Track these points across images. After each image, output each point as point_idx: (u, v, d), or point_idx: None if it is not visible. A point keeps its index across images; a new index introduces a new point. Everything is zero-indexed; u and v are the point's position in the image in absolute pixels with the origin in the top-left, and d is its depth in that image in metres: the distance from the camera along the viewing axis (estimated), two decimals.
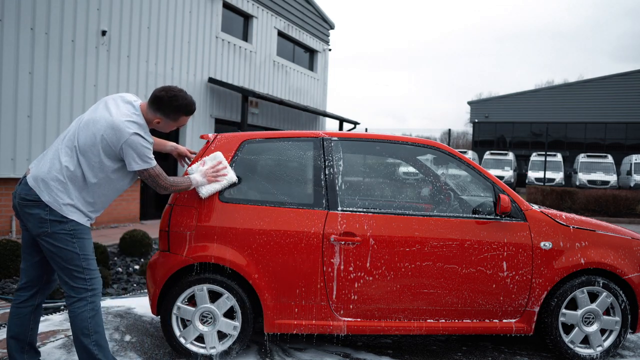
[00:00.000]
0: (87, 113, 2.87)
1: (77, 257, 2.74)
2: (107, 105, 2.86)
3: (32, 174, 2.73)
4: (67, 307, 2.80)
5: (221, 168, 3.28)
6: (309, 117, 16.42)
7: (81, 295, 2.76)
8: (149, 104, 2.91)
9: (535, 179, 25.39)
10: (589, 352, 3.54)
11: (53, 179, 2.69)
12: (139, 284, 5.47)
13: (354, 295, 3.33)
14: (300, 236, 3.28)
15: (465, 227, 3.42)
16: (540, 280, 3.43)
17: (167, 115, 2.92)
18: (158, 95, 2.89)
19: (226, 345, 3.31)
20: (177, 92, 2.92)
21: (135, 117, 2.82)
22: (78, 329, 2.76)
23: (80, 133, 2.77)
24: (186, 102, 2.94)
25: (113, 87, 9.18)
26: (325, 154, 3.50)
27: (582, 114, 32.17)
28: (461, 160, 3.60)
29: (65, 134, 2.83)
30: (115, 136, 2.72)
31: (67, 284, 2.77)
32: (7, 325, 2.89)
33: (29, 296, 2.89)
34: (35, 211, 2.68)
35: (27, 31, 7.67)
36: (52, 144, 2.86)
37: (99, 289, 2.83)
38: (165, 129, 3.01)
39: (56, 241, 2.70)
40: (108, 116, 2.77)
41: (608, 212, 14.53)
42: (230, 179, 3.30)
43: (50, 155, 2.77)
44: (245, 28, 13.47)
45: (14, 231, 7.68)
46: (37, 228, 2.69)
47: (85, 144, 2.73)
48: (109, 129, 2.73)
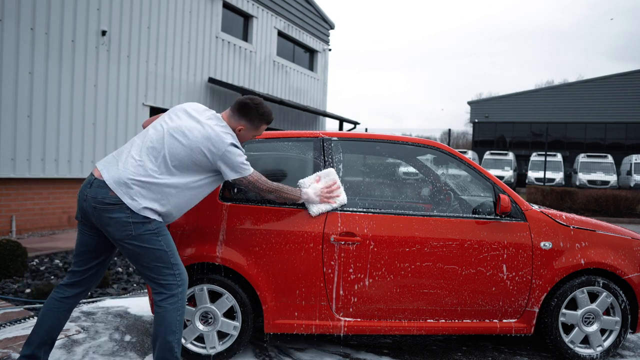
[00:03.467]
0: (172, 121, 2.82)
1: (165, 254, 2.72)
2: (190, 114, 2.84)
3: (110, 176, 2.66)
4: (157, 304, 2.74)
5: (335, 189, 3.27)
6: (309, 117, 16.42)
7: (173, 292, 2.73)
8: (233, 111, 2.93)
9: (535, 179, 25.40)
10: (589, 352, 3.54)
11: (136, 181, 2.64)
12: (139, 284, 5.48)
13: (354, 296, 3.33)
14: (300, 236, 3.28)
15: (465, 227, 3.42)
16: (540, 281, 3.43)
17: (252, 122, 2.94)
18: (244, 102, 2.93)
19: (226, 345, 3.31)
20: (261, 100, 2.98)
21: (225, 128, 2.84)
22: (166, 326, 2.71)
23: (166, 139, 2.73)
24: (269, 111, 3.01)
25: (113, 87, 9.18)
26: (325, 154, 3.50)
27: (582, 114, 32.18)
28: (461, 160, 3.60)
29: (143, 140, 2.78)
30: (214, 147, 2.72)
31: (156, 282, 2.74)
32: (42, 314, 2.82)
33: (75, 294, 2.86)
34: (117, 215, 2.62)
35: (27, 31, 7.67)
36: (122, 148, 2.81)
37: (187, 283, 2.82)
38: (243, 139, 3.00)
39: (142, 242, 2.66)
40: (201, 127, 2.77)
41: (608, 212, 14.52)
42: (342, 200, 3.28)
43: (129, 159, 2.71)
44: (245, 28, 13.48)
45: (14, 231, 7.68)
46: (120, 232, 2.64)
47: (174, 153, 2.71)
48: (206, 140, 2.73)
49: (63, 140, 8.31)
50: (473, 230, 3.41)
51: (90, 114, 8.78)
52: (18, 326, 3.83)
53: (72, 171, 8.48)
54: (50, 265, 5.97)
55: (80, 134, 8.59)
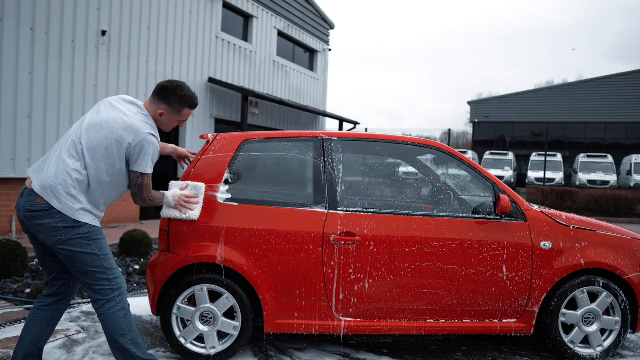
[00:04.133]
0: (89, 116, 2.82)
1: (98, 259, 2.70)
2: (113, 106, 2.82)
3: (37, 182, 2.65)
4: (97, 312, 2.75)
5: (193, 202, 3.21)
6: (309, 117, 16.42)
7: (109, 297, 2.73)
8: (153, 96, 2.90)
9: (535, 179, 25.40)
10: (589, 352, 3.54)
11: (62, 185, 2.63)
12: (139, 284, 5.47)
13: (354, 296, 3.33)
14: (300, 236, 3.28)
15: (465, 227, 3.42)
16: (540, 281, 3.43)
17: (171, 105, 2.89)
18: (163, 85, 2.90)
19: (226, 345, 3.31)
20: (181, 83, 2.93)
21: (145, 117, 2.82)
22: (112, 330, 2.72)
23: (85, 135, 2.71)
24: (190, 94, 2.94)
25: (113, 87, 9.18)
26: (325, 154, 3.50)
27: (582, 114, 32.17)
28: (461, 160, 3.60)
29: (65, 139, 2.77)
30: (131, 137, 2.70)
31: (92, 288, 2.73)
32: (25, 326, 2.84)
33: (55, 302, 2.88)
34: (46, 221, 2.62)
35: (27, 31, 7.67)
36: (50, 151, 2.80)
37: (124, 286, 2.80)
38: (167, 124, 2.97)
39: (73, 247, 2.65)
40: (122, 117, 2.74)
41: (608, 212, 14.52)
42: (192, 215, 3.22)
43: (53, 161, 2.70)
44: (245, 28, 13.48)
45: (14, 231, 7.68)
46: (50, 238, 2.64)
47: (94, 146, 2.68)
48: (124, 129, 2.70)
49: None
50: (473, 230, 3.41)
51: None
52: (18, 326, 3.83)
53: None
54: None
55: None
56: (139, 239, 6.61)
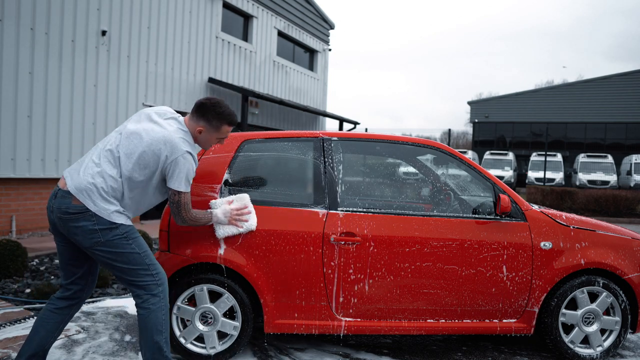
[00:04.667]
0: (131, 124, 2.80)
1: (139, 256, 2.70)
2: (153, 118, 2.82)
3: (72, 184, 2.64)
4: (139, 306, 2.73)
5: (246, 212, 3.20)
6: (309, 117, 16.42)
7: (154, 292, 2.72)
8: (192, 113, 2.90)
9: (535, 179, 25.39)
10: (589, 352, 3.54)
11: (97, 188, 2.62)
12: None
13: (354, 296, 3.33)
14: (300, 236, 3.28)
15: (465, 227, 3.42)
16: (540, 281, 3.43)
17: (209, 122, 2.88)
18: (201, 102, 2.89)
19: (226, 345, 3.31)
20: (219, 100, 2.92)
21: (184, 133, 2.81)
22: (152, 326, 2.70)
23: (124, 143, 2.71)
24: (229, 111, 2.93)
25: (113, 87, 9.18)
26: (325, 154, 3.50)
27: (582, 114, 32.17)
28: (461, 160, 3.60)
29: (104, 144, 2.77)
30: (168, 151, 2.69)
31: (135, 284, 2.72)
32: (34, 327, 2.82)
33: (67, 305, 2.87)
34: (82, 223, 2.60)
35: (27, 31, 7.67)
36: (87, 155, 2.80)
37: (166, 282, 2.80)
38: (206, 142, 2.94)
39: (113, 247, 2.65)
40: (162, 130, 2.74)
41: (608, 212, 14.52)
42: (249, 225, 3.21)
43: (90, 164, 2.70)
44: (245, 28, 13.48)
45: (14, 231, 7.68)
46: (88, 240, 2.63)
47: (131, 155, 2.68)
48: (162, 143, 2.69)
49: (63, 140, 8.31)
50: (473, 230, 3.41)
51: (90, 114, 8.78)
52: (18, 326, 3.83)
53: None
54: (50, 265, 5.97)
55: (80, 134, 8.59)
56: None
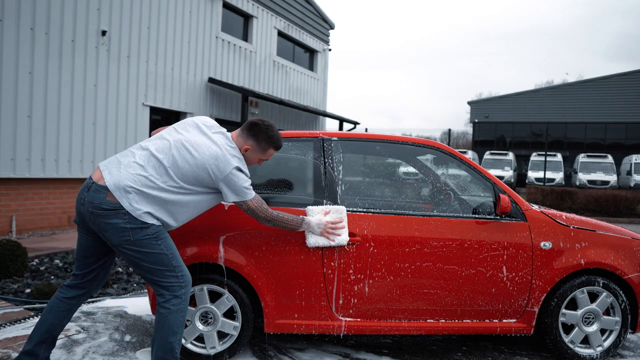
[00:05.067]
0: (180, 133, 2.80)
1: (166, 257, 2.70)
2: (200, 129, 2.82)
3: (111, 180, 2.62)
4: (160, 304, 2.73)
5: (339, 227, 3.20)
6: (309, 117, 16.42)
7: (177, 293, 2.73)
8: (242, 130, 2.92)
9: (535, 179, 25.40)
10: (589, 352, 3.54)
11: (136, 188, 2.61)
12: (139, 284, 5.47)
13: (354, 296, 3.33)
14: (300, 236, 3.28)
15: (465, 227, 3.42)
16: (540, 281, 3.43)
17: (259, 143, 2.90)
18: (255, 122, 2.92)
19: (226, 345, 3.31)
20: (271, 123, 2.96)
21: (233, 149, 2.82)
22: (169, 326, 2.70)
23: (172, 152, 2.70)
24: (278, 136, 2.96)
25: (113, 87, 9.18)
26: (324, 154, 3.50)
27: (582, 114, 32.17)
28: (461, 160, 3.60)
29: (147, 146, 2.76)
30: (218, 168, 2.69)
31: (159, 284, 2.73)
32: (43, 314, 2.84)
33: (76, 295, 2.88)
34: (114, 220, 2.60)
35: (27, 31, 7.67)
36: (125, 152, 2.79)
37: (190, 283, 2.80)
38: (249, 161, 2.96)
39: (142, 247, 2.65)
40: (212, 145, 2.74)
41: (608, 212, 14.52)
42: (341, 240, 3.20)
43: (132, 164, 2.68)
44: (245, 28, 13.48)
45: (14, 231, 7.68)
46: (118, 238, 2.63)
47: (178, 166, 2.68)
48: (213, 159, 2.69)
49: (63, 140, 8.31)
50: (473, 230, 3.41)
51: (90, 114, 8.78)
52: (18, 326, 3.83)
53: (72, 171, 8.47)
54: (50, 265, 5.97)
55: (80, 134, 8.59)
56: None
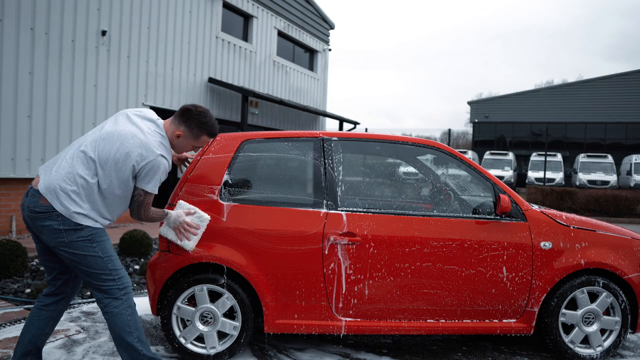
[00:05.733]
0: (108, 125, 2.79)
1: (101, 260, 2.70)
2: (131, 119, 2.80)
3: (42, 183, 2.64)
4: (103, 311, 2.74)
5: (191, 232, 3.15)
6: (309, 117, 16.42)
7: (115, 295, 2.73)
8: (175, 116, 2.91)
9: (535, 179, 25.39)
10: (589, 352, 3.54)
11: (66, 188, 2.61)
12: (139, 284, 5.47)
13: (354, 296, 3.33)
14: (300, 236, 3.28)
15: (465, 227, 3.41)
16: (540, 281, 3.43)
17: (190, 129, 2.89)
18: (187, 107, 2.90)
19: (226, 345, 3.31)
20: (205, 109, 2.93)
21: (161, 137, 2.80)
22: (119, 328, 2.72)
23: (101, 145, 2.69)
24: (212, 122, 2.94)
25: (113, 87, 9.18)
26: (325, 154, 3.49)
27: (582, 114, 32.15)
28: (461, 160, 3.60)
29: (79, 144, 2.75)
30: (142, 155, 2.68)
31: (97, 288, 2.73)
32: (25, 325, 2.85)
33: (54, 301, 2.88)
34: (48, 223, 2.61)
35: (27, 31, 7.67)
36: (61, 153, 2.79)
37: (129, 285, 2.80)
38: (182, 147, 2.95)
39: (76, 249, 2.65)
40: (138, 132, 2.72)
41: (608, 212, 14.52)
42: (186, 245, 3.16)
43: (63, 163, 2.68)
44: (245, 28, 13.48)
45: (14, 231, 7.68)
46: (52, 240, 2.64)
47: (106, 157, 2.66)
48: (137, 147, 2.68)
49: (63, 140, 8.31)
50: (473, 230, 3.41)
51: (90, 114, 8.78)
52: (18, 326, 3.83)
53: None
54: None
55: (80, 134, 8.59)
56: (139, 238, 6.61)
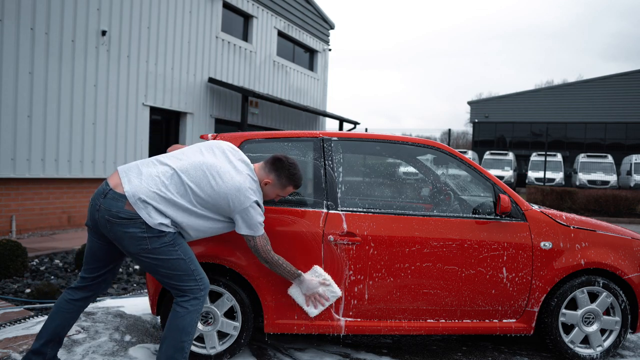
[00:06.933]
0: (207, 155, 2.81)
1: (184, 262, 2.72)
2: (227, 155, 2.85)
3: (130, 189, 2.63)
4: (178, 303, 2.75)
5: (321, 303, 3.21)
6: (309, 117, 16.42)
7: (196, 295, 2.76)
8: (266, 163, 2.96)
9: (535, 179, 25.39)
10: (589, 352, 3.54)
11: (154, 204, 2.62)
12: (139, 284, 5.47)
13: (354, 296, 3.33)
14: (300, 236, 3.28)
15: (465, 227, 3.41)
16: (540, 281, 3.43)
17: (279, 178, 2.94)
18: (279, 158, 2.96)
19: (226, 345, 3.31)
20: (295, 162, 3.00)
21: (254, 183, 2.84)
22: (184, 326, 2.72)
23: (197, 173, 2.72)
24: (299, 175, 3.00)
25: (113, 87, 9.18)
26: (324, 154, 3.49)
27: (582, 114, 32.15)
28: (461, 160, 3.60)
29: (169, 162, 2.76)
30: (239, 199, 2.72)
31: (178, 288, 2.75)
32: (50, 315, 2.86)
33: (83, 297, 2.90)
34: (131, 230, 2.60)
35: (27, 31, 7.67)
36: (151, 161, 2.79)
37: (208, 285, 2.83)
38: (267, 195, 2.98)
39: (159, 254, 2.66)
40: (236, 174, 2.76)
41: (608, 212, 14.52)
42: (311, 312, 3.23)
43: (155, 179, 2.69)
44: (245, 28, 13.48)
45: (14, 231, 7.68)
46: (135, 247, 2.64)
47: (201, 189, 2.70)
48: (235, 190, 2.72)
49: (63, 140, 8.31)
50: (473, 230, 3.41)
51: (90, 114, 8.78)
52: (18, 326, 3.83)
53: (72, 171, 8.48)
54: (50, 265, 5.97)
55: (80, 134, 8.59)
56: None
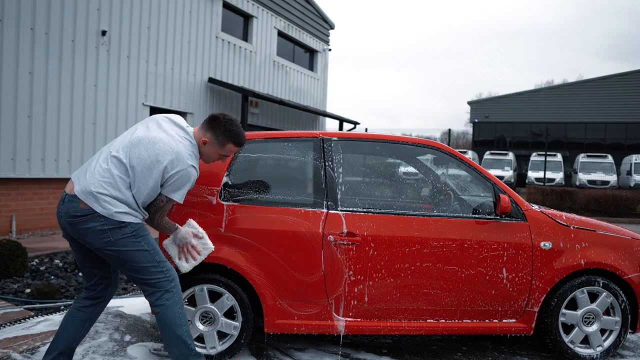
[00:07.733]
0: (139, 131, 2.81)
1: (148, 254, 2.73)
2: (162, 126, 2.83)
3: (79, 187, 2.66)
4: (154, 304, 2.75)
5: (193, 255, 3.10)
6: (309, 117, 16.42)
7: (166, 288, 2.75)
8: (202, 124, 2.93)
9: (535, 179, 25.39)
10: (589, 352, 3.54)
11: (103, 191, 2.63)
12: None
13: (354, 296, 3.33)
14: (300, 236, 3.28)
15: (465, 227, 3.42)
16: (540, 281, 3.43)
17: (216, 136, 2.89)
18: (215, 115, 2.93)
19: (226, 345, 3.31)
20: (234, 119, 2.95)
21: (192, 145, 2.83)
22: (171, 321, 2.73)
23: (133, 150, 2.71)
24: (239, 131, 2.94)
25: (113, 87, 9.18)
26: (324, 154, 3.49)
27: (582, 114, 32.15)
28: (461, 160, 3.60)
29: (109, 149, 2.78)
30: (173, 163, 2.71)
31: (147, 283, 2.75)
32: (61, 325, 2.85)
33: (92, 304, 2.90)
34: (91, 224, 2.63)
35: (27, 31, 7.67)
36: (92, 159, 2.81)
37: (177, 278, 2.82)
38: (208, 155, 2.95)
39: (122, 246, 2.67)
40: (170, 140, 2.75)
41: (608, 212, 14.52)
42: (181, 266, 3.10)
43: (97, 168, 2.71)
44: (245, 28, 13.48)
45: (14, 231, 7.68)
46: (98, 241, 2.65)
47: (139, 162, 2.69)
48: (169, 154, 2.70)
49: (63, 140, 8.31)
50: (473, 230, 3.41)
51: (90, 114, 8.78)
52: (18, 326, 3.83)
53: (72, 171, 8.47)
54: (50, 265, 5.97)
55: (80, 134, 8.59)
56: None
